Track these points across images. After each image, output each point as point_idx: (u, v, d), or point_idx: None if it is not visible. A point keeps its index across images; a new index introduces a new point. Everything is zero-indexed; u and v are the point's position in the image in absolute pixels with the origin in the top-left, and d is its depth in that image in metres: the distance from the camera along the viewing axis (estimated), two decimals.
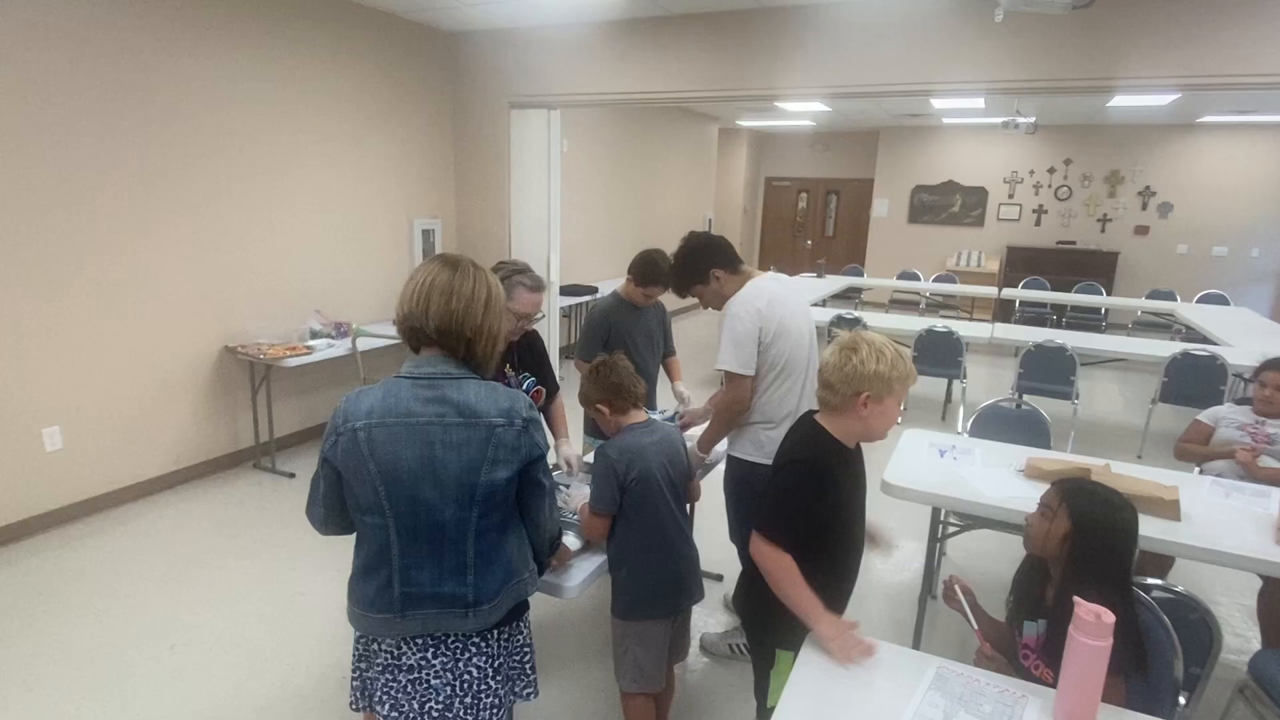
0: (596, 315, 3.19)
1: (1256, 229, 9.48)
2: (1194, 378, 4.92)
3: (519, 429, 1.43)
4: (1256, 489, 2.64)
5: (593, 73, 5.04)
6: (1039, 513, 1.74)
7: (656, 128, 9.09)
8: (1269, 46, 3.59)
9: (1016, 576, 1.85)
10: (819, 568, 1.70)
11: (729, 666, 2.76)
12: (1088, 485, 1.73)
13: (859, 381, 1.65)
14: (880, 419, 1.69)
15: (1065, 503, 1.67)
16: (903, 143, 11.14)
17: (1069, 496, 1.68)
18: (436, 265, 1.45)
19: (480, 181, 5.62)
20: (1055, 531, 1.67)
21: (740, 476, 2.54)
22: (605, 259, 8.10)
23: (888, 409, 1.68)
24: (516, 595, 1.53)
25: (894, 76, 4.33)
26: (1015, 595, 1.83)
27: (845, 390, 1.66)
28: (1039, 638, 1.70)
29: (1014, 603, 1.83)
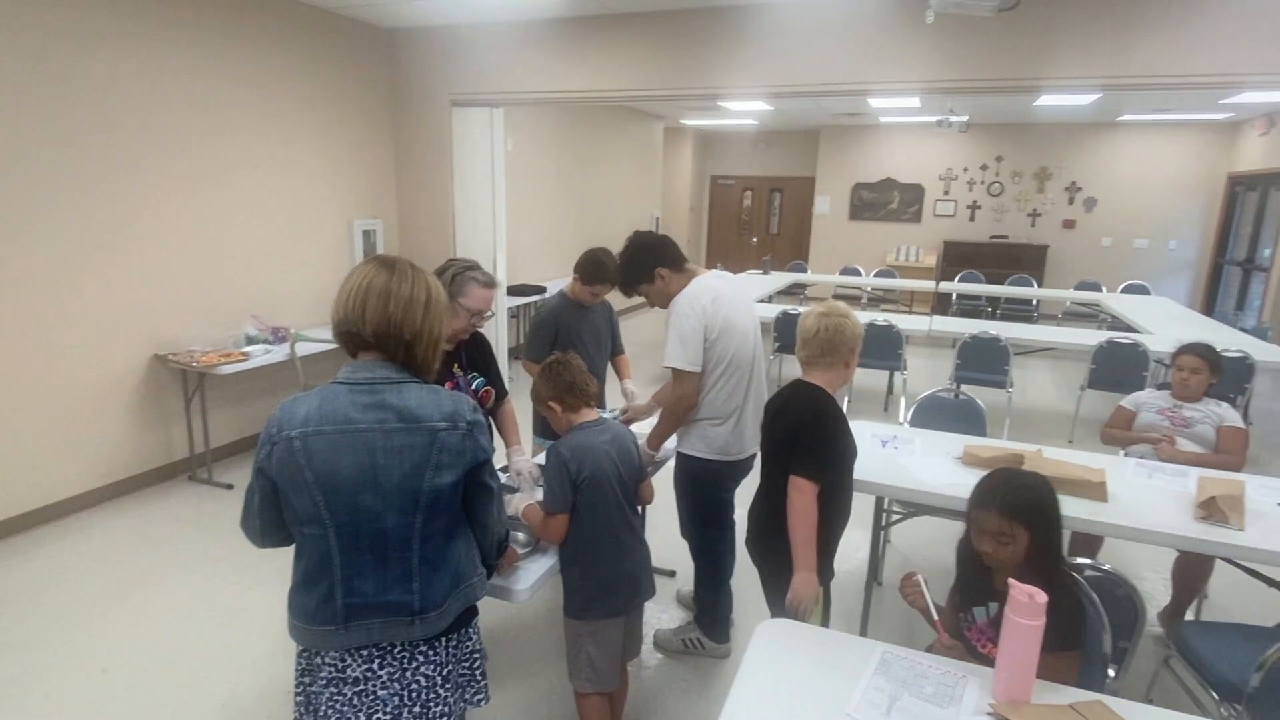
0: (544, 315, 3.17)
1: (1173, 222, 10.00)
2: (1119, 364, 5.16)
3: (463, 432, 1.40)
4: (1177, 469, 2.79)
5: (535, 71, 5.01)
6: (997, 543, 1.67)
7: (602, 127, 9.07)
8: (1182, 50, 3.79)
9: (960, 564, 1.88)
10: (832, 506, 2.02)
11: (682, 661, 2.77)
12: (1018, 491, 1.69)
13: (853, 339, 2.04)
14: (853, 368, 2.10)
15: (1014, 520, 1.65)
16: (843, 141, 11.38)
17: (1015, 513, 1.65)
18: (373, 267, 1.41)
19: (422, 181, 5.52)
20: (1020, 549, 1.65)
21: (690, 472, 2.57)
22: (552, 259, 8.06)
23: (855, 360, 2.09)
24: (465, 600, 1.51)
25: (832, 76, 4.42)
26: (961, 581, 1.87)
27: (843, 348, 2.03)
28: (986, 623, 1.75)
29: (961, 589, 1.87)
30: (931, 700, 1.46)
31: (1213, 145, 9.69)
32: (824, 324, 2.02)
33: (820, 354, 2.04)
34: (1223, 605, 3.12)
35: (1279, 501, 2.51)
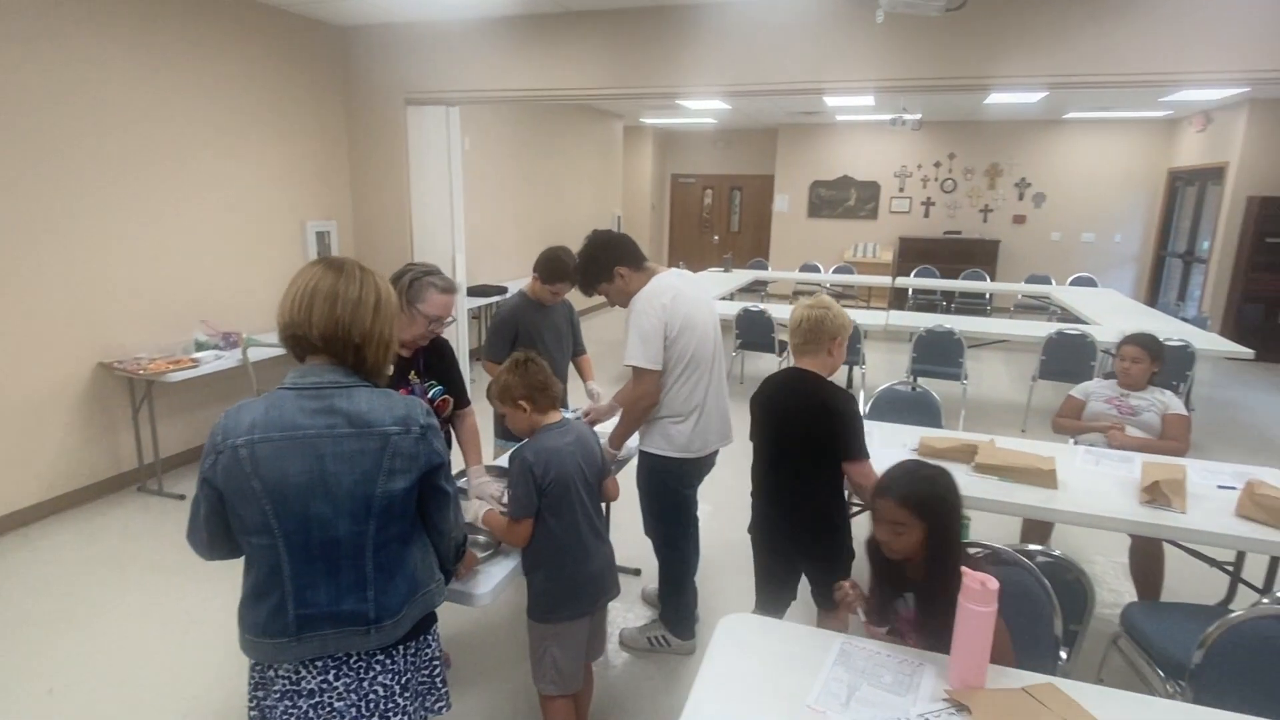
0: (504, 314, 3.14)
1: (1118, 216, 10.34)
2: (1068, 355, 5.31)
3: (416, 436, 1.38)
4: (1122, 456, 2.88)
5: (491, 69, 4.96)
6: (893, 531, 1.69)
7: (561, 125, 9.03)
8: (1123, 50, 3.91)
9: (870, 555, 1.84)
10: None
11: (648, 659, 2.78)
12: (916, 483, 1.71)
13: (833, 329, 2.22)
14: (838, 357, 2.27)
15: (910, 510, 1.66)
16: (800, 140, 11.51)
17: (910, 503, 1.67)
18: (319, 269, 1.38)
19: (378, 181, 5.43)
20: (914, 539, 1.67)
21: (652, 470, 2.57)
22: (513, 258, 7.99)
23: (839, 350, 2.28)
24: (423, 608, 1.49)
25: (788, 75, 4.46)
26: (876, 573, 1.84)
27: (824, 337, 2.22)
28: (910, 611, 1.78)
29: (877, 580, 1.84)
30: (890, 689, 1.48)
31: (1153, 142, 10.03)
32: (807, 314, 2.24)
33: (804, 342, 2.25)
34: (1168, 586, 3.22)
35: (1219, 484, 2.61)
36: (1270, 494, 2.35)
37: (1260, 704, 1.52)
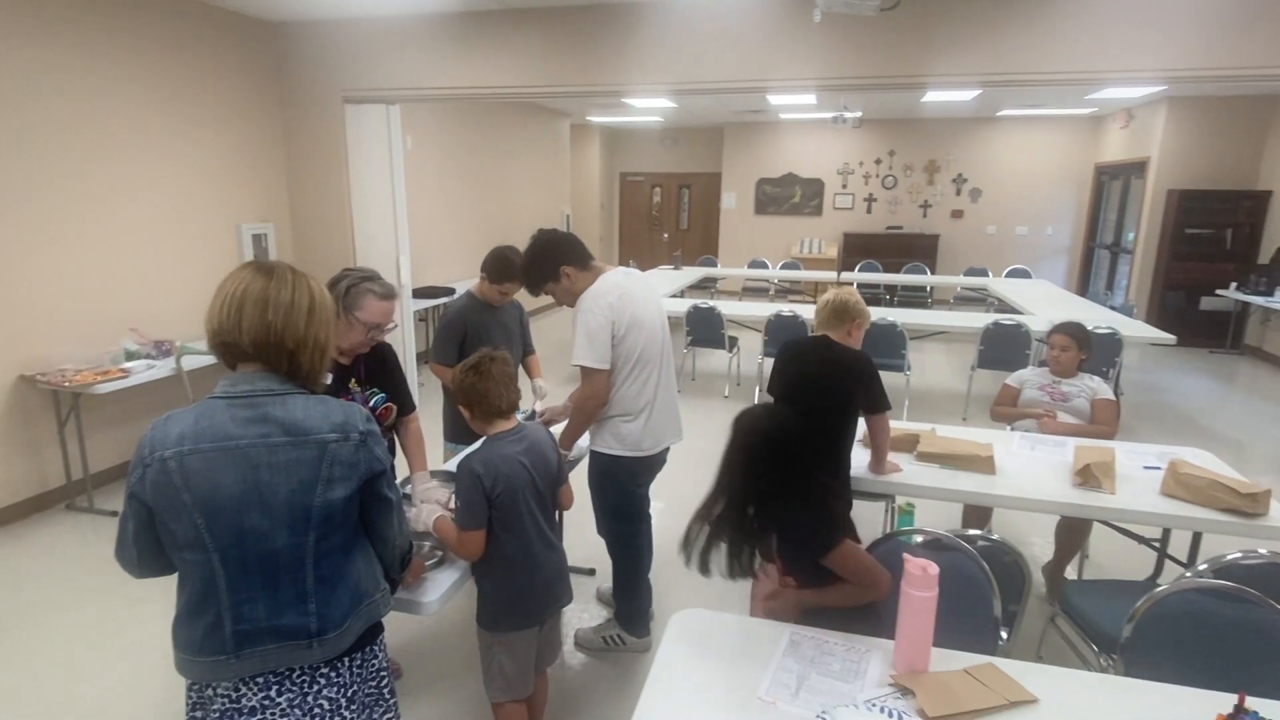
0: (451, 315, 3.09)
1: (1050, 210, 10.75)
2: (1005, 344, 5.50)
3: (356, 443, 1.35)
4: (1056, 441, 2.99)
5: (432, 67, 4.87)
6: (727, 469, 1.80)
7: (506, 124, 8.94)
8: (1051, 49, 4.06)
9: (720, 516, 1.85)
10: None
11: (604, 659, 2.77)
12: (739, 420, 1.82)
13: (855, 312, 2.56)
14: (855, 339, 2.59)
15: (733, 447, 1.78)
16: (745, 138, 11.63)
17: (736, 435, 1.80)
18: (249, 273, 1.34)
19: (316, 181, 5.28)
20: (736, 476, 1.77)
21: (604, 469, 2.56)
22: (460, 259, 7.88)
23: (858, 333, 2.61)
24: (368, 618, 1.45)
25: (731, 73, 4.50)
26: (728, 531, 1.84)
27: (846, 316, 2.55)
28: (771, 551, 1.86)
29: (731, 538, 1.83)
30: (838, 677, 1.51)
31: (1081, 138, 10.46)
32: (836, 296, 2.58)
33: (830, 316, 2.56)
34: (1101, 564, 3.37)
35: (1145, 465, 2.74)
36: (1192, 473, 2.48)
37: (1185, 672, 1.61)
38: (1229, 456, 3.31)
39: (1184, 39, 3.89)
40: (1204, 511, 2.39)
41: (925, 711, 1.39)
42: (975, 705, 1.42)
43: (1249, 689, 1.39)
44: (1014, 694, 1.47)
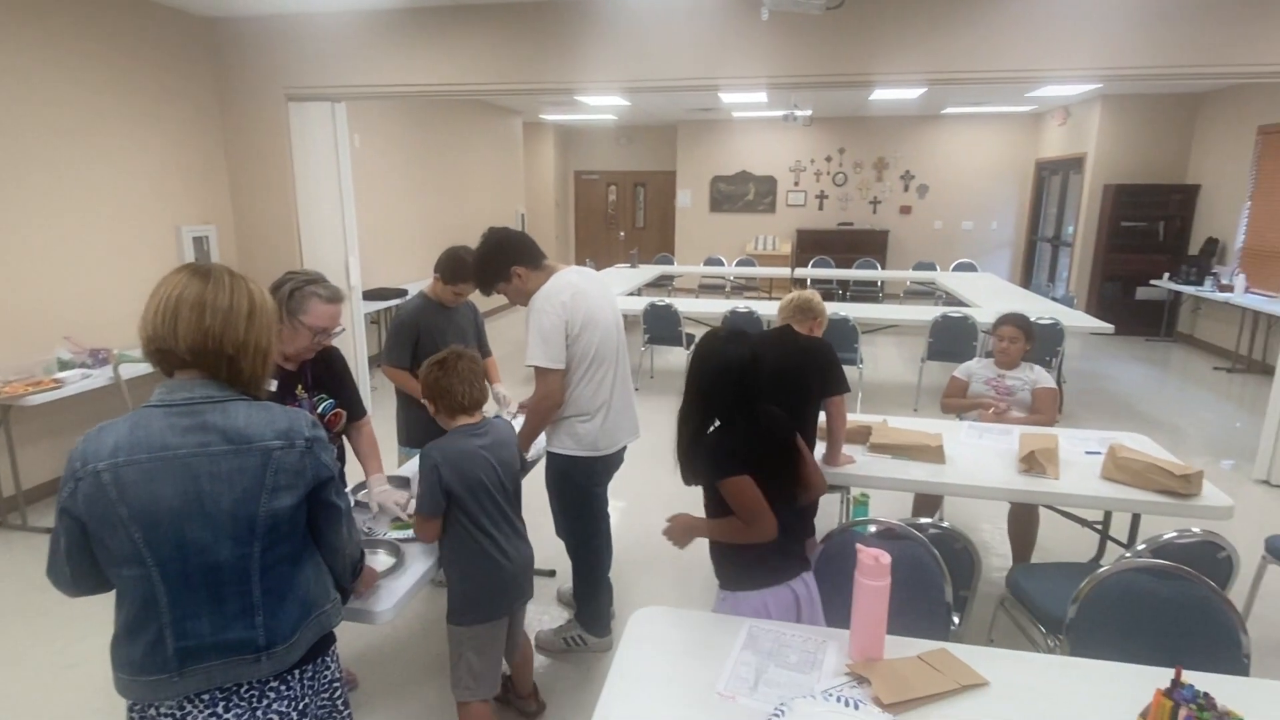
0: (404, 317, 3.03)
1: (993, 205, 11.07)
2: (953, 336, 5.64)
3: (301, 450, 1.31)
4: (1003, 429, 3.08)
5: (379, 63, 4.77)
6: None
7: (457, 121, 8.82)
8: (993, 49, 4.17)
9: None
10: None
11: (566, 660, 2.76)
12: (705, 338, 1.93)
13: (818, 310, 2.76)
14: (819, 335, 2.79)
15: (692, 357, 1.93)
16: (699, 136, 11.70)
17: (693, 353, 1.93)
18: (184, 276, 1.29)
19: (260, 182, 5.13)
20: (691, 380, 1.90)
21: (561, 470, 2.54)
22: (412, 259, 7.75)
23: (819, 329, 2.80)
24: (318, 629, 1.41)
25: (683, 71, 4.51)
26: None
27: (809, 313, 2.74)
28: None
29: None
30: (795, 668, 1.53)
31: (1021, 135, 10.78)
32: (799, 295, 2.75)
33: (794, 312, 2.73)
34: (1048, 548, 3.47)
35: (1087, 450, 2.83)
36: (1130, 456, 2.57)
37: (1127, 649, 1.67)
38: (1165, 440, 3.45)
39: (1117, 39, 4.03)
40: (1142, 493, 2.49)
41: (880, 699, 1.41)
42: (928, 690, 1.45)
43: (1186, 663, 1.45)
44: (966, 678, 1.50)
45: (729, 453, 1.79)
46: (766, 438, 1.86)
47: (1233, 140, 7.69)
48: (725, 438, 1.83)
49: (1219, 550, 2.08)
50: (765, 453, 1.82)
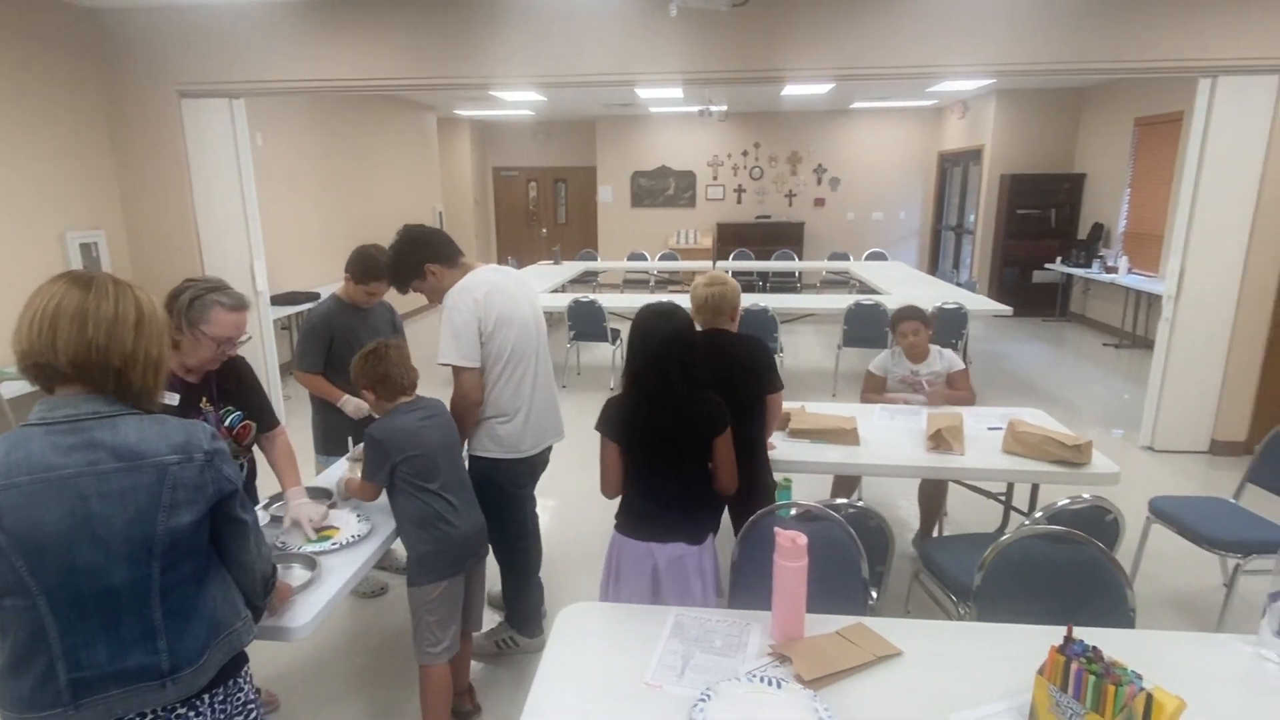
0: (316, 321, 2.92)
1: (901, 196, 11.53)
2: (866, 323, 5.85)
3: (200, 464, 1.25)
4: (912, 410, 3.21)
5: (281, 57, 4.57)
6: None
7: (367, 118, 8.54)
8: (895, 45, 4.34)
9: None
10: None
11: (498, 663, 2.73)
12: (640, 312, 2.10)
13: (734, 299, 2.51)
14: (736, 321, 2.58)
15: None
16: (618, 131, 11.71)
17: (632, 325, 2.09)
18: (63, 285, 1.21)
19: (153, 183, 4.83)
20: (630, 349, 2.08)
21: (483, 474, 2.48)
22: (324, 261, 7.46)
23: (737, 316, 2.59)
24: (228, 650, 1.35)
25: (597, 67, 4.51)
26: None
27: (726, 307, 2.50)
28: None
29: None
30: (720, 653, 1.56)
31: (925, 128, 11.27)
32: (711, 292, 2.47)
33: (713, 315, 2.49)
34: (959, 520, 3.66)
35: (989, 427, 3.00)
36: (1028, 430, 2.74)
37: (1028, 611, 1.78)
38: (1060, 414, 3.68)
39: (1010, 37, 4.27)
40: (1039, 465, 2.65)
41: (801, 676, 1.46)
42: (846, 664, 1.51)
43: (1079, 620, 1.55)
44: (881, 649, 1.57)
45: (608, 420, 2.05)
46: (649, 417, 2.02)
47: (1113, 131, 8.25)
48: (614, 402, 2.07)
49: (1106, 514, 2.24)
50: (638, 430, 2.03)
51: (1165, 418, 4.72)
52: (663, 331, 2.00)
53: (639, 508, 2.06)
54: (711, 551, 2.11)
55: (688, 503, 2.06)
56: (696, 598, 2.01)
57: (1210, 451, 4.69)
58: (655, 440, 2.02)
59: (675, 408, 2.00)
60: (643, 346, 2.01)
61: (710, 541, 2.11)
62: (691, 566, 2.02)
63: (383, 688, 2.60)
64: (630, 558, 2.04)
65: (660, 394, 1.99)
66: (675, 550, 2.00)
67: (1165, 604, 3.06)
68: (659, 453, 2.03)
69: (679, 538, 2.02)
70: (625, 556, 2.06)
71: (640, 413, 2.01)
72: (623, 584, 2.08)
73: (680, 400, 2.00)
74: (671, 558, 2.00)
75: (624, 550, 2.06)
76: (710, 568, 2.08)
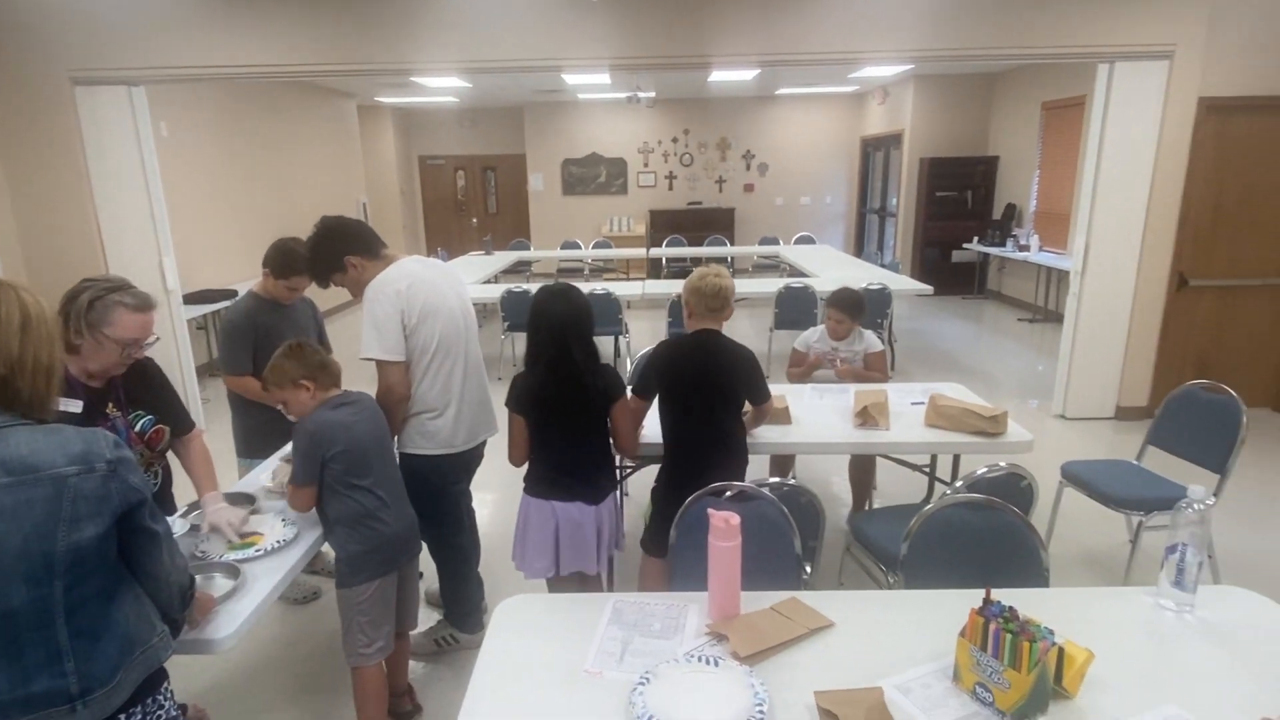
0: (236, 320, 2.79)
1: (827, 181, 11.79)
2: (796, 306, 5.97)
3: (103, 474, 1.18)
4: (841, 388, 3.31)
5: (184, 43, 4.33)
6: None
7: (283, 106, 8.18)
8: (817, 32, 4.42)
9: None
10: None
11: (439, 661, 2.70)
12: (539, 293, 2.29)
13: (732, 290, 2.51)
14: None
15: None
16: (547, 118, 11.57)
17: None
18: None
19: (45, 178, 4.52)
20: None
21: (415, 471, 2.42)
22: (241, 257, 7.14)
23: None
24: (145, 667, 1.29)
25: (522, 53, 4.44)
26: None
27: (729, 301, 2.49)
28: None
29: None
30: (659, 635, 1.58)
31: (848, 114, 11.53)
32: (718, 283, 2.45)
33: (720, 307, 2.47)
34: (888, 493, 3.79)
35: (912, 402, 3.11)
36: (948, 403, 2.85)
37: (951, 577, 1.86)
38: (979, 387, 3.85)
39: (927, 23, 4.41)
40: (959, 436, 2.77)
41: (737, 653, 1.49)
42: (780, 638, 1.54)
43: (997, 582, 1.63)
44: (814, 622, 1.61)
45: (515, 395, 2.24)
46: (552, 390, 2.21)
47: (1023, 115, 8.62)
48: (520, 379, 2.25)
49: (1021, 480, 2.35)
50: (543, 402, 2.22)
51: (1075, 387, 5.00)
52: (561, 310, 2.20)
53: (543, 472, 2.29)
54: (610, 508, 2.36)
55: (588, 467, 2.30)
56: (590, 551, 2.29)
57: (1116, 417, 4.99)
58: (558, 410, 2.23)
59: (576, 379, 2.20)
60: (545, 325, 2.20)
61: (610, 500, 2.36)
62: (589, 523, 2.28)
63: (318, 695, 2.53)
64: (535, 516, 2.29)
65: (561, 367, 2.19)
66: (575, 509, 2.26)
67: (1077, 562, 3.25)
68: (561, 422, 2.25)
69: (578, 498, 2.27)
70: (530, 514, 2.30)
71: (544, 386, 2.22)
72: (529, 540, 2.31)
73: (580, 373, 2.20)
74: (571, 516, 2.26)
75: (530, 510, 2.30)
76: (608, 524, 2.34)
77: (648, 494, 2.61)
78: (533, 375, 2.23)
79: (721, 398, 2.46)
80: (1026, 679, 1.31)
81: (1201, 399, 3.02)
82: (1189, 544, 1.62)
